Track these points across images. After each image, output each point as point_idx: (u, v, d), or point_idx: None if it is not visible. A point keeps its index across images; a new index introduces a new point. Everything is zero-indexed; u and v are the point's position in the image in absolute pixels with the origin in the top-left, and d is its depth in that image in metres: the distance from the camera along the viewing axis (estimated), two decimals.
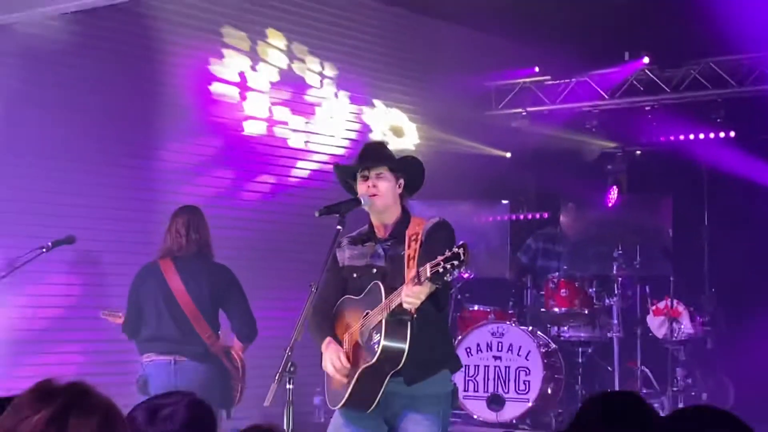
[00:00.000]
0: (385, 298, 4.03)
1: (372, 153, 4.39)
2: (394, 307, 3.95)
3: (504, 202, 10.06)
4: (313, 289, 3.96)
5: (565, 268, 8.81)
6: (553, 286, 8.49)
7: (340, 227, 4.14)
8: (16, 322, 7.01)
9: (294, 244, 8.29)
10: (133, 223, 7.56)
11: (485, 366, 7.99)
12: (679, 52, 9.69)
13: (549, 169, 10.45)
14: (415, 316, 3.97)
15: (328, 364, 4.20)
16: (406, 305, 3.89)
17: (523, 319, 8.66)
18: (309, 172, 8.95)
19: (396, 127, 9.72)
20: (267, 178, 8.69)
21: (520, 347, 7.97)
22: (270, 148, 8.73)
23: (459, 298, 8.72)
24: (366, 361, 4.07)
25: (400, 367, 4.03)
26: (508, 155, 10.72)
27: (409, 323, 4.00)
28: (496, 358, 7.99)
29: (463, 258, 3.65)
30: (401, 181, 4.34)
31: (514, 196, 10.38)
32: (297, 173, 8.90)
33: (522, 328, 8.14)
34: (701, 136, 10.25)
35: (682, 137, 10.46)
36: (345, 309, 4.35)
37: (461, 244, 3.69)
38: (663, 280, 8.64)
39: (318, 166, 8.99)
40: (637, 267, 8.71)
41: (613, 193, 10.09)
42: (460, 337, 8.10)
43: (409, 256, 4.10)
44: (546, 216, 10.37)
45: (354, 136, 9.31)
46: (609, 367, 8.58)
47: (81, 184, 7.34)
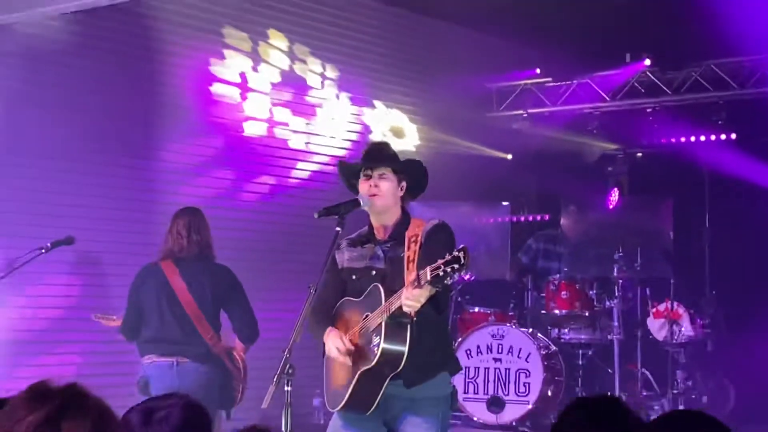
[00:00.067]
0: (385, 300, 4.01)
1: (376, 153, 4.37)
2: (393, 309, 3.94)
3: (505, 204, 10.04)
4: (311, 290, 3.95)
5: (565, 270, 8.80)
6: (554, 288, 8.49)
7: (339, 229, 4.12)
8: (15, 323, 7.00)
9: (294, 245, 8.28)
10: (133, 223, 7.55)
11: (485, 368, 7.98)
12: (681, 54, 9.68)
13: (550, 171, 10.44)
14: (414, 319, 3.96)
15: (332, 348, 4.17)
16: (406, 308, 3.88)
17: (523, 321, 8.64)
18: (309, 173, 8.93)
19: (396, 128, 9.70)
20: (267, 179, 8.68)
21: (521, 349, 7.96)
22: (270, 149, 8.72)
23: (459, 299, 8.71)
24: (365, 363, 4.06)
25: (400, 369, 4.01)
26: (509, 157, 10.72)
27: (408, 326, 3.98)
28: (496, 360, 7.98)
29: (463, 262, 3.63)
30: (403, 183, 4.32)
31: (515, 197, 10.37)
32: (297, 174, 8.89)
33: (522, 330, 8.13)
34: (702, 138, 10.25)
35: (683, 139, 10.46)
36: (344, 311, 4.34)
37: (461, 247, 3.68)
38: (663, 283, 8.62)
39: (318, 167, 8.97)
40: (638, 269, 8.71)
41: (614, 195, 10.07)
42: (460, 339, 8.09)
43: (408, 259, 4.09)
44: (547, 218, 10.37)
45: (354, 137, 9.30)
46: (609, 369, 8.57)
47: (81, 185, 7.33)
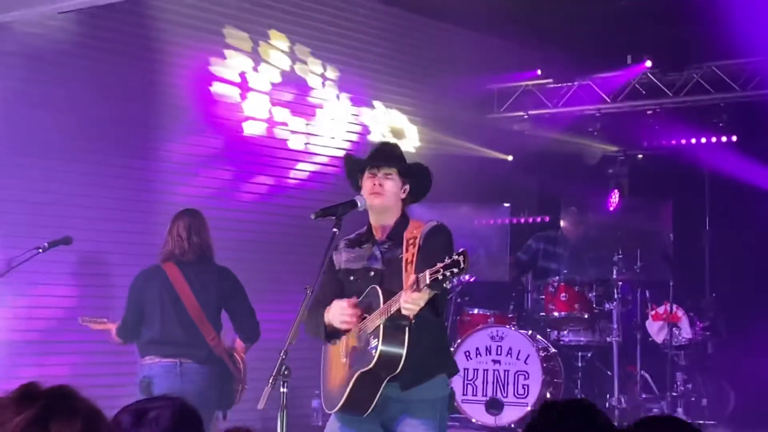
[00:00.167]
0: (384, 302, 4.00)
1: (385, 152, 4.39)
2: (392, 312, 3.93)
3: (505, 205, 10.03)
4: (308, 292, 3.94)
5: (565, 272, 8.79)
6: (553, 290, 8.48)
7: (335, 230, 4.12)
8: (14, 323, 6.99)
9: (292, 246, 8.26)
10: (132, 223, 7.53)
11: (484, 370, 7.96)
12: (682, 55, 9.67)
13: (550, 173, 10.44)
14: (413, 322, 3.95)
15: (336, 316, 4.16)
16: (404, 311, 3.87)
17: (522, 322, 8.62)
18: (308, 174, 8.92)
19: (396, 129, 9.68)
20: (266, 179, 8.67)
21: (520, 351, 7.94)
22: (270, 149, 8.70)
23: (459, 301, 8.70)
24: (363, 365, 4.04)
25: (398, 372, 4.00)
26: (510, 158, 10.71)
27: (407, 329, 3.97)
28: (495, 361, 7.96)
29: (463, 266, 3.63)
30: (407, 186, 4.33)
31: (515, 199, 10.36)
32: (296, 175, 8.88)
33: (521, 332, 8.11)
34: (703, 140, 10.25)
35: (684, 141, 10.46)
36: None
37: (461, 251, 3.66)
38: (663, 285, 8.61)
39: (317, 168, 8.96)
40: (638, 271, 8.70)
41: (615, 196, 10.07)
42: (459, 341, 8.07)
43: (406, 260, 4.08)
44: (547, 219, 10.37)
45: (354, 137, 9.28)
46: (608, 371, 8.56)
47: (80, 185, 7.32)
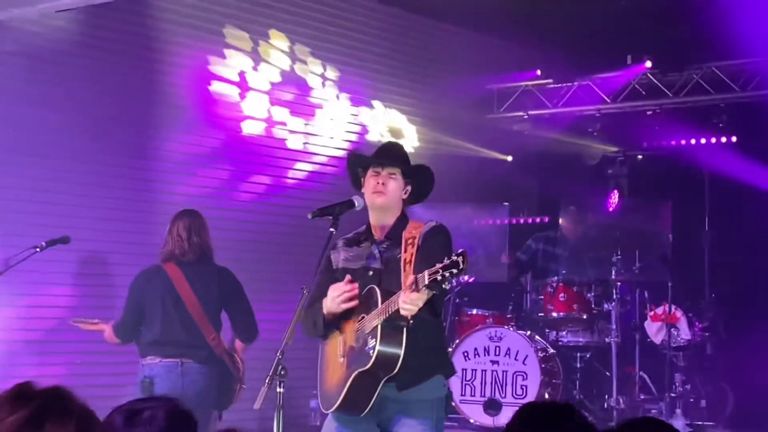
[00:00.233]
0: (382, 303, 3.99)
1: (390, 152, 4.39)
2: (390, 312, 3.92)
3: (504, 205, 10.03)
4: (305, 292, 3.94)
5: (563, 272, 8.78)
6: (552, 291, 8.47)
7: (332, 230, 4.12)
8: (14, 323, 6.98)
9: (291, 246, 8.25)
10: (132, 223, 7.53)
11: (482, 370, 7.96)
12: (682, 56, 9.67)
13: (550, 173, 10.44)
14: (411, 322, 3.94)
15: (334, 299, 4.15)
16: (403, 311, 3.86)
17: (521, 323, 8.61)
18: (307, 174, 8.91)
19: (395, 129, 9.68)
20: (264, 179, 8.66)
21: (518, 351, 7.94)
22: (269, 149, 8.70)
23: (457, 301, 8.70)
24: (360, 365, 4.04)
25: (395, 372, 3.99)
26: (509, 158, 10.70)
27: (404, 329, 3.97)
28: (494, 362, 7.95)
29: (462, 266, 3.61)
30: (409, 187, 4.33)
31: (515, 199, 10.35)
32: (295, 174, 8.87)
33: (520, 332, 8.10)
34: (703, 140, 10.24)
35: (683, 142, 10.45)
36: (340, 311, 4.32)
37: (460, 252, 3.65)
38: (662, 286, 8.60)
39: (316, 168, 8.96)
40: (636, 272, 8.69)
41: (614, 197, 10.07)
42: (457, 341, 8.07)
43: (405, 260, 4.07)
44: (546, 220, 10.36)
45: (353, 137, 9.28)
46: (607, 372, 8.56)
47: (80, 184, 7.31)
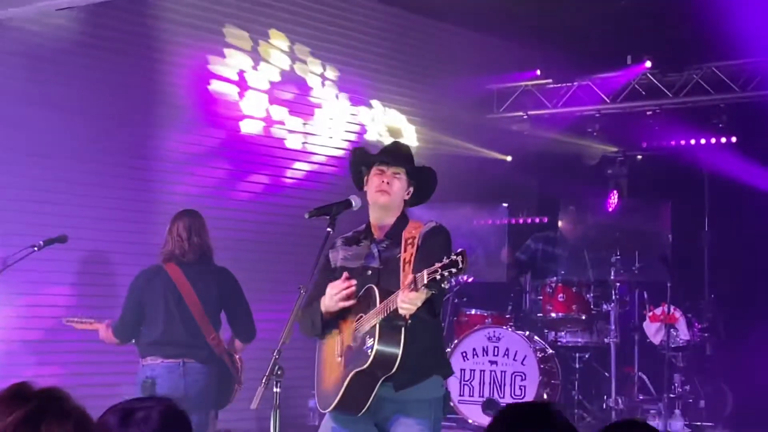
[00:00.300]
0: (380, 302, 3.98)
1: (397, 151, 4.38)
2: (388, 312, 3.91)
3: (503, 205, 10.02)
4: (302, 291, 3.93)
5: (562, 272, 8.77)
6: (551, 291, 8.46)
7: (329, 229, 4.11)
8: (13, 322, 6.98)
9: (290, 246, 8.25)
10: (132, 223, 7.53)
11: (481, 370, 7.95)
12: (682, 56, 9.67)
13: (549, 173, 10.44)
14: (409, 322, 3.93)
15: (332, 296, 4.12)
16: (401, 311, 3.85)
17: (520, 323, 8.60)
18: (305, 173, 8.91)
19: (395, 129, 9.67)
20: (264, 178, 8.66)
21: (516, 352, 7.93)
22: (268, 149, 8.69)
23: (456, 301, 8.69)
24: (358, 364, 4.03)
25: (393, 372, 3.98)
26: (509, 158, 10.70)
27: (403, 329, 3.96)
28: (492, 362, 7.94)
29: (461, 266, 3.60)
30: (412, 188, 4.32)
31: (514, 199, 10.34)
32: (293, 174, 8.87)
33: (518, 332, 8.09)
34: (703, 141, 10.24)
35: (683, 142, 10.45)
36: (337, 311, 4.31)
37: (460, 251, 3.64)
38: (661, 286, 8.59)
39: (315, 167, 8.95)
40: (636, 272, 8.68)
41: (614, 197, 10.07)
42: (456, 341, 8.06)
43: (404, 260, 4.06)
44: (545, 220, 10.35)
45: (353, 137, 9.27)
46: (606, 372, 8.56)
47: (80, 184, 7.31)
